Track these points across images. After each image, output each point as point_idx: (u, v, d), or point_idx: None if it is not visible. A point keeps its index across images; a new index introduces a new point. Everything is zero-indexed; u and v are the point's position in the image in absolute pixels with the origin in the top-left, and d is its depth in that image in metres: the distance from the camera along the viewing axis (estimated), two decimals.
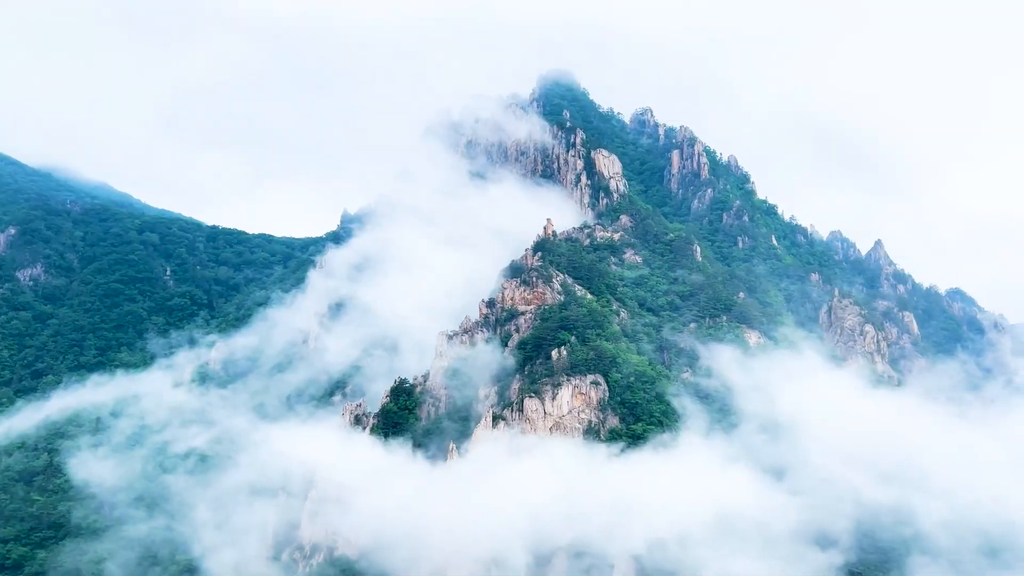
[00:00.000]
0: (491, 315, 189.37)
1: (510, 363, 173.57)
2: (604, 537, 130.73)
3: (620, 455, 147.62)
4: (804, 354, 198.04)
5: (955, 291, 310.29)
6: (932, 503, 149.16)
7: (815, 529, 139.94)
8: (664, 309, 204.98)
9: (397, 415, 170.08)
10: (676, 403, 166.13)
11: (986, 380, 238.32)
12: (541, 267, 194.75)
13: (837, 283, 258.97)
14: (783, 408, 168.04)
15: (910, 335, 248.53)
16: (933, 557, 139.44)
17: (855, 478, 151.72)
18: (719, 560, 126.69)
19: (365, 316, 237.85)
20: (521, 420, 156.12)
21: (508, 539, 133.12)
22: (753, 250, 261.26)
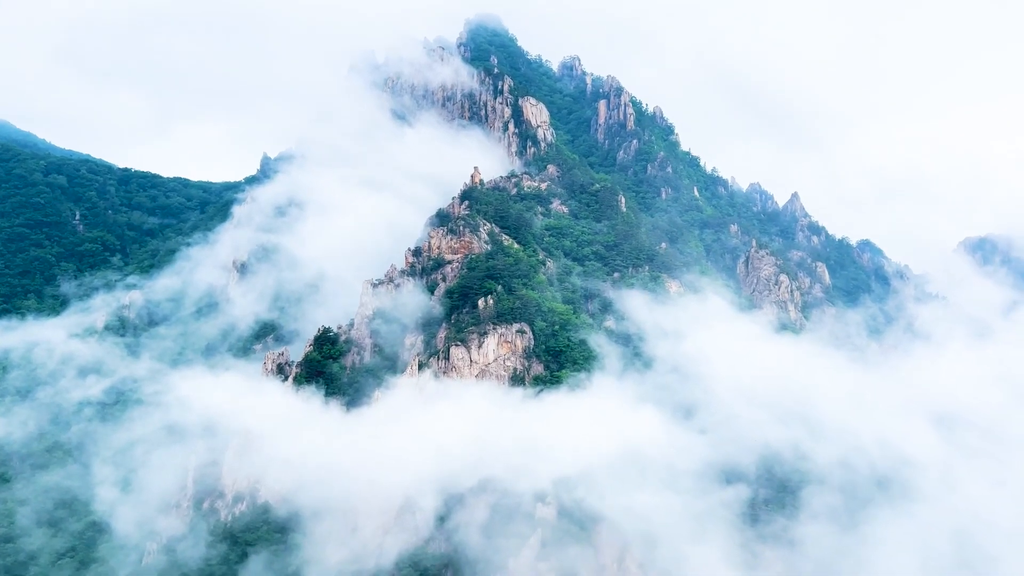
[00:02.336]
0: (417, 263, 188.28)
1: (437, 312, 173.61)
2: (512, 477, 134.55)
3: (535, 398, 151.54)
4: (720, 302, 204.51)
5: (865, 242, 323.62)
6: (828, 440, 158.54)
7: (720, 465, 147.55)
8: (589, 259, 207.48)
9: (321, 364, 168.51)
10: (598, 350, 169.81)
11: (888, 326, 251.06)
12: (468, 216, 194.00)
13: (755, 234, 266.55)
14: (695, 352, 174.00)
15: (822, 285, 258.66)
16: (828, 489, 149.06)
17: (758, 418, 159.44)
18: (624, 495, 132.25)
19: (286, 263, 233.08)
20: (447, 368, 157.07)
21: (419, 482, 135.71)
22: (676, 201, 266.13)
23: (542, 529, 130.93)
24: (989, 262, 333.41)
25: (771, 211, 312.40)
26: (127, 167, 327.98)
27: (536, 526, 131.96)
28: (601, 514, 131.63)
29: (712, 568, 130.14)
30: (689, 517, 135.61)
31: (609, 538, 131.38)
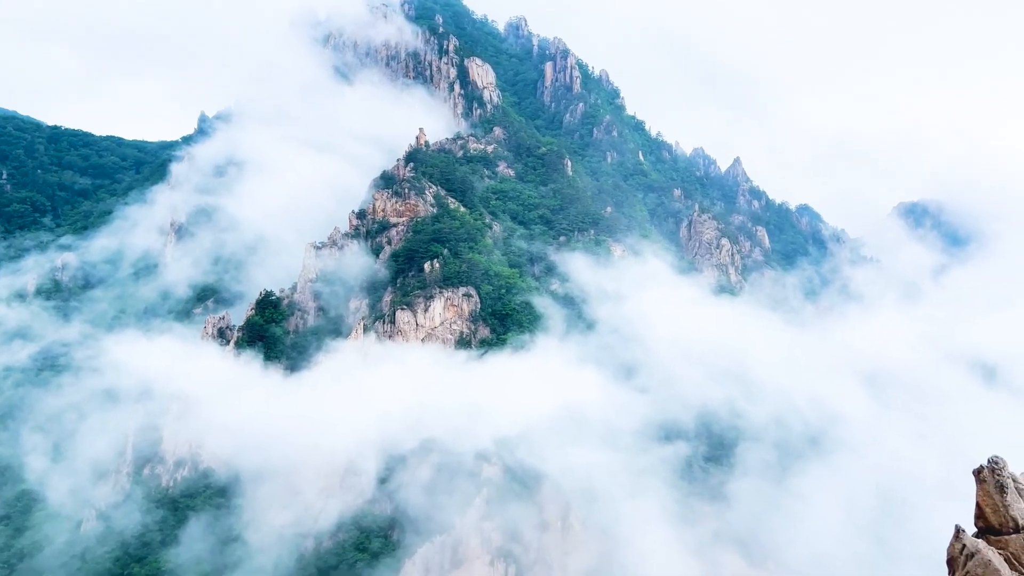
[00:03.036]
0: (362, 226, 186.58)
1: (382, 275, 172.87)
2: (454, 438, 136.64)
3: (478, 360, 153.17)
4: (662, 266, 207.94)
5: (804, 207, 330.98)
6: (763, 399, 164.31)
7: (659, 424, 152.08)
8: (535, 222, 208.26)
9: (263, 328, 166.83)
10: (542, 312, 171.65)
11: (824, 288, 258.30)
12: (414, 178, 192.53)
13: (698, 198, 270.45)
14: (637, 314, 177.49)
15: (762, 248, 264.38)
16: (762, 446, 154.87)
17: (697, 377, 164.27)
18: (566, 453, 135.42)
19: (226, 224, 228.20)
20: (393, 332, 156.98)
21: (361, 445, 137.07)
22: (621, 165, 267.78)
23: (487, 489, 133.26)
24: (921, 226, 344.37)
25: (714, 176, 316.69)
26: (57, 125, 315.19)
27: (481, 486, 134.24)
28: (544, 473, 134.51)
29: (651, 523, 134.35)
30: (629, 474, 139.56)
31: (553, 496, 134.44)
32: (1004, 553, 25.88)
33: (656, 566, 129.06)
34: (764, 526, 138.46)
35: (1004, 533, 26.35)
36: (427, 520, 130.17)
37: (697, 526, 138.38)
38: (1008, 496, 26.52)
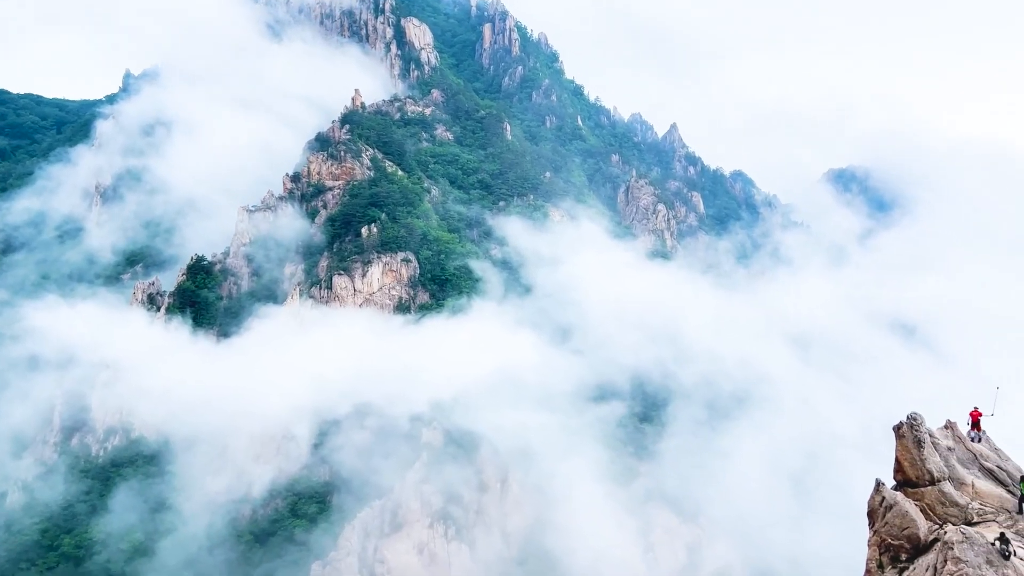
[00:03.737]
0: (296, 189, 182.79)
1: (318, 239, 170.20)
2: (389, 402, 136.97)
3: (415, 324, 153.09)
4: (599, 230, 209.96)
5: (737, 173, 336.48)
6: (694, 360, 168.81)
7: (594, 385, 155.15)
8: (474, 187, 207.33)
9: (195, 293, 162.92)
10: (481, 277, 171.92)
11: (755, 253, 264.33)
12: (350, 141, 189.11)
13: (635, 164, 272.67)
14: (573, 278, 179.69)
15: (697, 214, 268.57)
16: (693, 405, 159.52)
17: (631, 339, 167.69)
18: (501, 415, 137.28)
19: (154, 187, 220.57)
20: (329, 298, 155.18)
21: (295, 410, 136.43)
22: (560, 129, 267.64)
23: (427, 452, 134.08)
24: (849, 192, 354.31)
25: (651, 141, 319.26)
26: None
27: (421, 450, 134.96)
28: (482, 435, 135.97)
29: (586, 482, 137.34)
30: (565, 434, 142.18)
31: (490, 458, 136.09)
32: (920, 504, 27.41)
33: (591, 524, 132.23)
34: (694, 483, 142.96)
35: (920, 485, 27.89)
36: (365, 484, 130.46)
37: (630, 484, 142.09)
38: (925, 451, 28.02)
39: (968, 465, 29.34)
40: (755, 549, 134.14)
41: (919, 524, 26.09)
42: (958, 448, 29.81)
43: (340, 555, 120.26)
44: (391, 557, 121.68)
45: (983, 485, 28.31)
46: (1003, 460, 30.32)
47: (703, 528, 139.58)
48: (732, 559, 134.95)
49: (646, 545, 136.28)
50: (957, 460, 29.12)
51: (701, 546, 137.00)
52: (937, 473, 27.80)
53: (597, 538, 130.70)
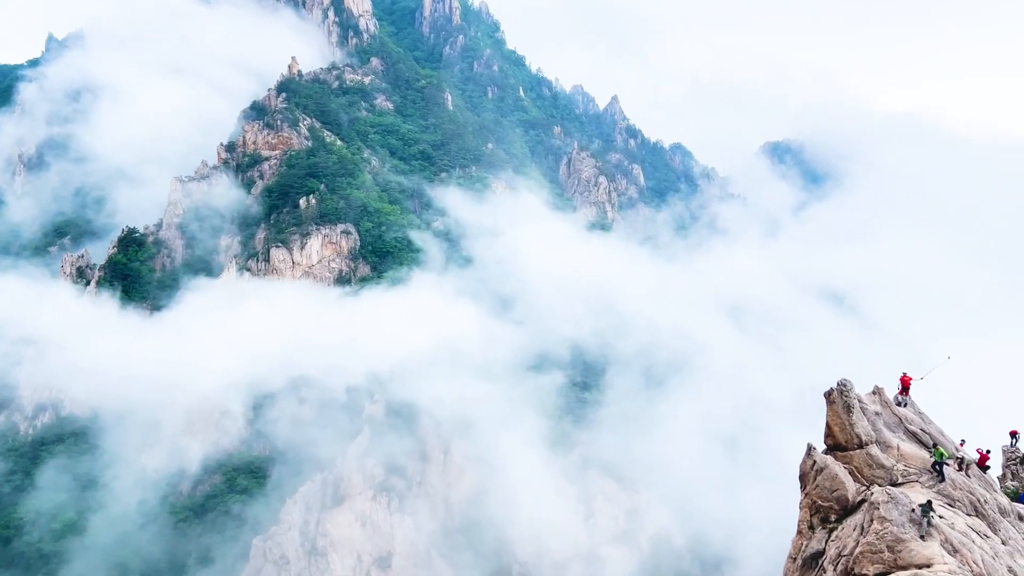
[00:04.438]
0: (231, 159, 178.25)
1: (254, 211, 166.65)
2: (327, 375, 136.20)
3: (354, 296, 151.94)
4: (541, 202, 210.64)
5: (677, 145, 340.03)
6: (632, 330, 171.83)
7: (534, 355, 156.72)
8: (415, 158, 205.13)
9: (127, 267, 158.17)
10: (422, 248, 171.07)
11: (693, 224, 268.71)
12: (286, 109, 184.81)
13: (577, 136, 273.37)
14: (514, 250, 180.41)
15: (637, 186, 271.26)
16: (631, 374, 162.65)
17: (570, 310, 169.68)
18: (442, 386, 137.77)
19: (82, 156, 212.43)
20: (268, 270, 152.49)
21: (230, 384, 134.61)
22: (502, 100, 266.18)
23: (369, 426, 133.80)
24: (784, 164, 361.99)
25: (592, 113, 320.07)
26: None
27: (363, 423, 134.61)
28: (424, 406, 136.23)
29: (527, 451, 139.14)
30: (506, 404, 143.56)
31: (432, 429, 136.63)
32: (849, 467, 28.66)
33: (532, 492, 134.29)
34: (633, 450, 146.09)
35: (849, 449, 29.13)
36: (306, 458, 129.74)
37: (571, 452, 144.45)
38: (854, 415, 29.23)
39: (894, 429, 30.73)
40: (691, 514, 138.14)
41: (848, 486, 27.30)
42: (885, 413, 31.18)
43: (281, 529, 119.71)
44: (333, 530, 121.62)
45: (908, 448, 29.71)
46: (926, 423, 31.84)
47: (642, 494, 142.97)
48: (670, 524, 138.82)
49: (587, 512, 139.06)
50: (884, 424, 30.46)
51: (640, 512, 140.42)
52: (865, 437, 29.06)
53: (538, 506, 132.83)
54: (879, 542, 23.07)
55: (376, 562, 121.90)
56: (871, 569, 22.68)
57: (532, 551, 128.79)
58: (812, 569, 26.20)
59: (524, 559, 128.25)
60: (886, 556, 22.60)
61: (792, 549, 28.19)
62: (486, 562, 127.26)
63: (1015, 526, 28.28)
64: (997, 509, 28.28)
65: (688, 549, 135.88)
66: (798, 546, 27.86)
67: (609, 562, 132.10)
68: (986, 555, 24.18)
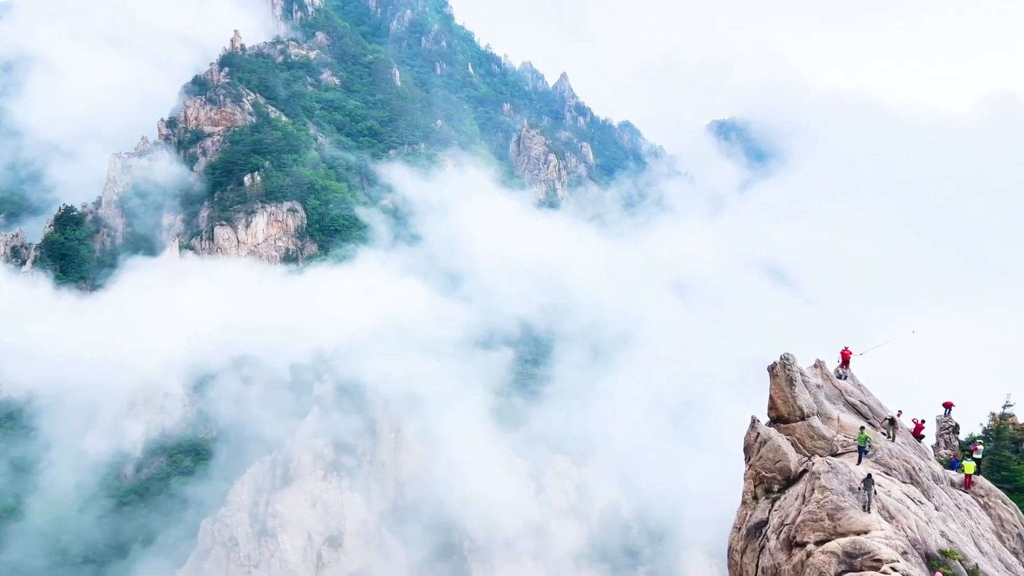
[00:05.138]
0: (172, 135, 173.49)
1: (198, 188, 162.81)
2: (270, 353, 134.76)
3: (300, 274, 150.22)
4: (490, 180, 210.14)
5: (625, 123, 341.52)
6: (579, 306, 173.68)
7: (483, 331, 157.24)
8: (363, 134, 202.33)
9: (64, 246, 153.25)
10: (371, 226, 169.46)
11: (641, 202, 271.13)
12: (229, 84, 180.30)
13: (526, 113, 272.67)
14: (463, 227, 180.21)
15: (587, 164, 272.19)
16: (578, 349, 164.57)
17: (519, 286, 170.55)
18: (387, 363, 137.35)
19: (14, 131, 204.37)
20: (212, 249, 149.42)
21: (174, 365, 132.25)
22: (450, 77, 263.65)
23: (318, 405, 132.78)
24: (730, 142, 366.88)
25: (542, 91, 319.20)
26: None
27: (312, 402, 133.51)
28: (374, 385, 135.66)
29: (478, 428, 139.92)
30: (456, 381, 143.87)
31: (383, 408, 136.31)
32: (791, 438, 29.58)
33: (484, 469, 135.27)
34: (582, 425, 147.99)
35: (792, 421, 30.05)
36: (254, 439, 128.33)
37: (521, 428, 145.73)
38: (796, 388, 30.12)
39: (834, 401, 31.79)
40: (638, 486, 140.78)
41: (790, 457, 28.21)
42: (826, 385, 32.23)
43: (230, 511, 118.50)
44: (283, 511, 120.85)
45: (847, 419, 30.79)
46: (865, 395, 33.00)
47: (591, 468, 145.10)
48: (619, 498, 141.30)
49: (537, 487, 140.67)
50: (825, 396, 31.49)
51: (590, 486, 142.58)
52: (807, 409, 30.01)
53: (490, 483, 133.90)
54: (820, 511, 23.94)
55: (327, 541, 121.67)
56: (812, 537, 23.55)
57: (483, 527, 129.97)
58: (756, 538, 27.06)
59: (475, 535, 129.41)
60: (827, 524, 23.49)
61: (737, 519, 29.05)
62: (437, 539, 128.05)
63: (947, 492, 29.60)
64: (931, 476, 29.54)
65: (636, 521, 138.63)
66: (743, 516, 28.72)
67: (559, 536, 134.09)
68: (920, 521, 25.29)
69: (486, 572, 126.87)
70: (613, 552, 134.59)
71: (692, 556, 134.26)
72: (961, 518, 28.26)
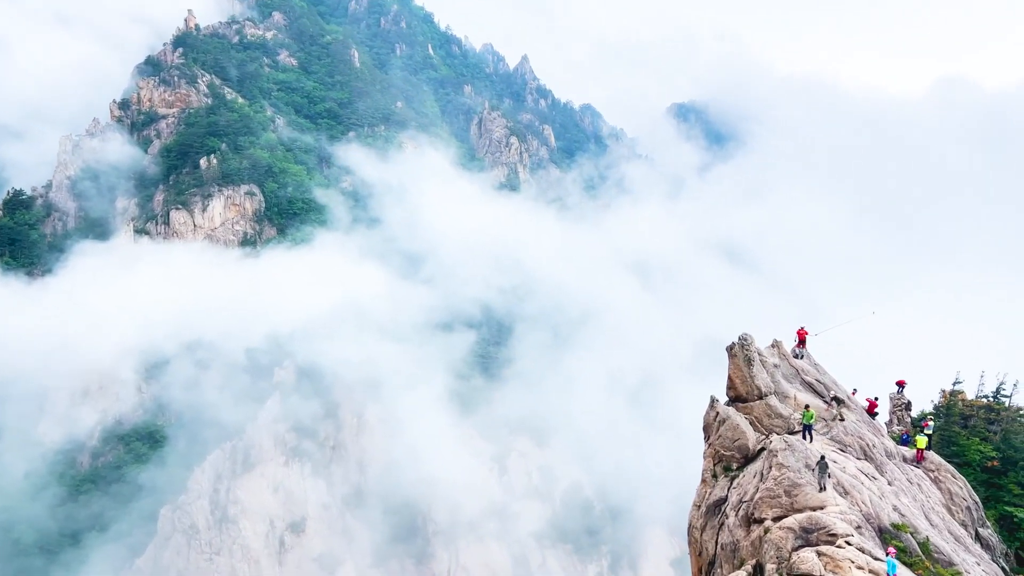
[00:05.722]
0: (125, 117, 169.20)
1: (152, 172, 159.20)
2: (227, 338, 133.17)
3: (257, 258, 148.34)
4: (451, 162, 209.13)
5: (586, 106, 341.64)
6: (541, 288, 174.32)
7: (445, 314, 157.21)
8: (322, 116, 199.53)
9: (14, 231, 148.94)
10: (330, 209, 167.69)
11: (601, 185, 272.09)
12: (184, 65, 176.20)
13: (487, 95, 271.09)
14: (424, 210, 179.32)
15: (548, 147, 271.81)
16: (540, 330, 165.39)
17: (480, 270, 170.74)
18: (345, 348, 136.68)
19: None
20: (168, 233, 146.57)
21: (126, 351, 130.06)
22: (410, 58, 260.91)
23: (279, 391, 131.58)
24: (689, 125, 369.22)
25: (503, 73, 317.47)
26: None
27: (273, 388, 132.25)
28: (336, 371, 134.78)
29: (441, 411, 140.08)
30: (417, 365, 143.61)
31: (346, 393, 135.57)
32: (750, 417, 30.11)
33: (448, 451, 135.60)
34: (544, 407, 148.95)
35: (750, 400, 30.58)
36: (212, 426, 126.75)
37: (484, 411, 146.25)
38: (754, 368, 30.62)
39: (791, 380, 32.40)
40: (600, 466, 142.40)
41: (748, 435, 28.73)
42: (783, 364, 32.81)
43: (190, 498, 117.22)
44: (245, 497, 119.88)
45: (804, 397, 31.41)
46: (821, 374, 33.69)
47: (554, 449, 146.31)
48: (580, 478, 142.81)
49: (500, 469, 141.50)
50: (782, 375, 32.07)
51: (552, 467, 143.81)
52: (765, 388, 30.55)
53: (453, 465, 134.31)
54: (777, 487, 24.44)
55: (289, 527, 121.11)
56: (770, 513, 24.05)
57: (446, 509, 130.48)
58: (715, 515, 27.57)
59: (438, 518, 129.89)
60: (784, 500, 23.99)
61: (697, 497, 29.55)
62: (400, 522, 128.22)
63: (900, 467, 30.43)
64: (884, 452, 30.32)
65: (598, 501, 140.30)
66: (702, 494, 29.22)
67: (522, 517, 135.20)
68: (873, 495, 25.97)
69: (450, 554, 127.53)
70: (575, 532, 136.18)
71: (653, 534, 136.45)
72: (913, 492, 29.09)
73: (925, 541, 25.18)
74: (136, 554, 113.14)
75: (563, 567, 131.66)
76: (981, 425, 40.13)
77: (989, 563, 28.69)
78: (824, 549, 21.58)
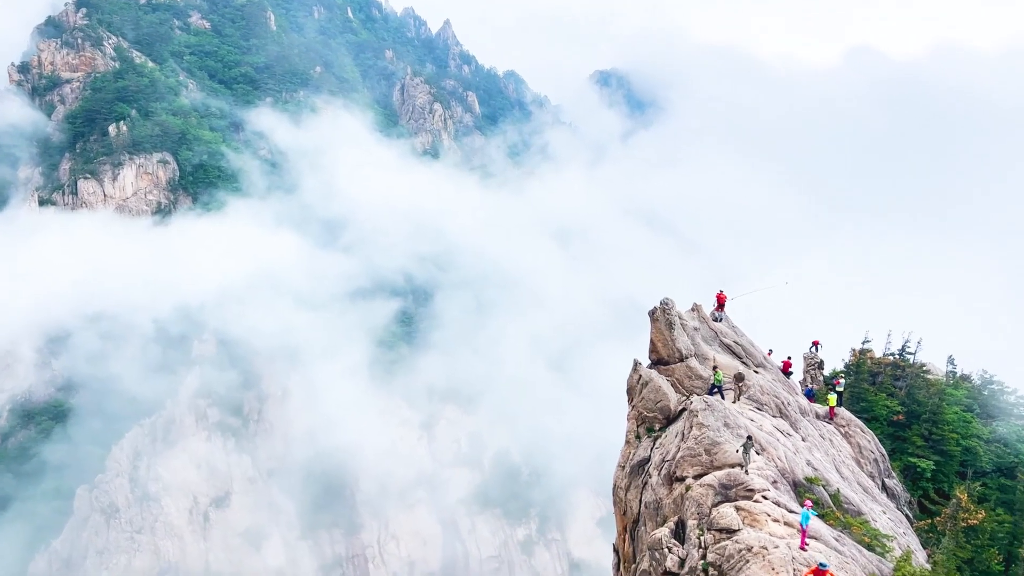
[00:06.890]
0: (25, 82, 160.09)
1: (57, 139, 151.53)
2: (129, 309, 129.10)
3: (167, 228, 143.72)
4: (372, 129, 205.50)
5: (510, 73, 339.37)
6: (464, 255, 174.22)
7: (367, 281, 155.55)
8: (237, 82, 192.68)
9: None
10: (248, 178, 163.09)
11: (525, 152, 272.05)
12: (88, 27, 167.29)
13: (409, 61, 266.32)
14: (345, 178, 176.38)
15: (472, 113, 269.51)
16: (463, 293, 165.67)
17: (401, 237, 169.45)
18: (261, 318, 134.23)
19: None
20: (76, 204, 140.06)
21: (24, 326, 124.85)
22: (329, 22, 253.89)
23: (199, 365, 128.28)
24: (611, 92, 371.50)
25: (425, 38, 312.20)
26: None
27: (193, 363, 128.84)
28: (257, 343, 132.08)
29: (366, 379, 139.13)
30: (340, 334, 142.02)
31: (269, 366, 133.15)
32: (671, 379, 30.93)
33: (374, 420, 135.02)
34: (470, 373, 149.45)
35: (672, 362, 31.39)
36: (130, 402, 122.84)
37: (411, 378, 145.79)
38: (675, 332, 31.39)
39: (710, 342, 33.37)
40: (526, 431, 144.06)
41: (670, 397, 29.52)
42: (703, 327, 33.74)
43: (108, 477, 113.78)
44: (167, 474, 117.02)
45: (723, 358, 32.42)
46: (739, 336, 34.79)
47: (481, 416, 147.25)
48: (508, 444, 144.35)
49: (429, 437, 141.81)
50: (702, 338, 33.00)
51: (480, 433, 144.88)
52: (685, 351, 31.39)
53: (380, 434, 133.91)
54: (698, 446, 25.26)
55: (214, 502, 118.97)
56: (691, 471, 24.86)
57: (374, 478, 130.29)
58: (639, 475, 28.33)
59: (366, 487, 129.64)
60: (704, 459, 24.82)
61: (621, 458, 30.27)
62: (328, 493, 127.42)
63: (813, 424, 31.83)
64: (798, 410, 31.64)
65: (525, 465, 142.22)
66: (626, 455, 29.95)
67: (451, 484, 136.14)
68: (788, 451, 27.13)
69: (379, 523, 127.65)
70: (504, 497, 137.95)
71: (578, 495, 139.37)
72: (824, 447, 30.51)
73: (836, 493, 26.49)
74: (50, 534, 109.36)
75: (492, 532, 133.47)
76: (888, 382, 42.32)
77: (894, 511, 30.44)
78: (742, 504, 22.46)
